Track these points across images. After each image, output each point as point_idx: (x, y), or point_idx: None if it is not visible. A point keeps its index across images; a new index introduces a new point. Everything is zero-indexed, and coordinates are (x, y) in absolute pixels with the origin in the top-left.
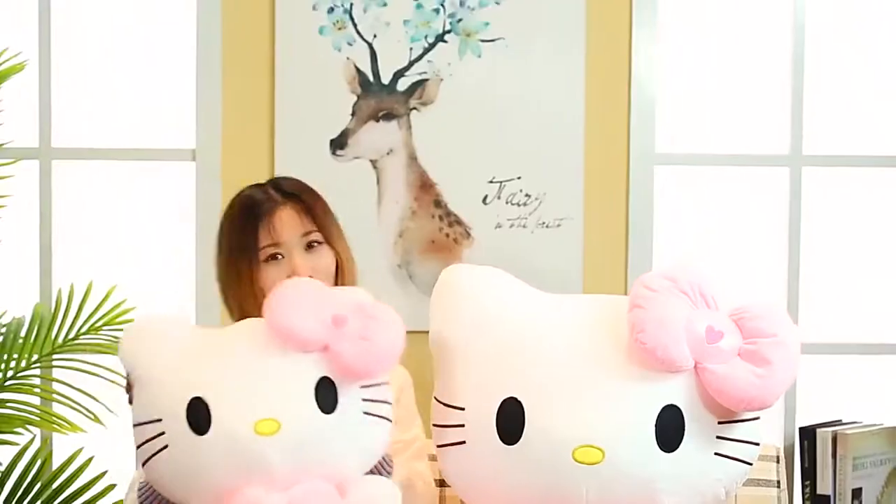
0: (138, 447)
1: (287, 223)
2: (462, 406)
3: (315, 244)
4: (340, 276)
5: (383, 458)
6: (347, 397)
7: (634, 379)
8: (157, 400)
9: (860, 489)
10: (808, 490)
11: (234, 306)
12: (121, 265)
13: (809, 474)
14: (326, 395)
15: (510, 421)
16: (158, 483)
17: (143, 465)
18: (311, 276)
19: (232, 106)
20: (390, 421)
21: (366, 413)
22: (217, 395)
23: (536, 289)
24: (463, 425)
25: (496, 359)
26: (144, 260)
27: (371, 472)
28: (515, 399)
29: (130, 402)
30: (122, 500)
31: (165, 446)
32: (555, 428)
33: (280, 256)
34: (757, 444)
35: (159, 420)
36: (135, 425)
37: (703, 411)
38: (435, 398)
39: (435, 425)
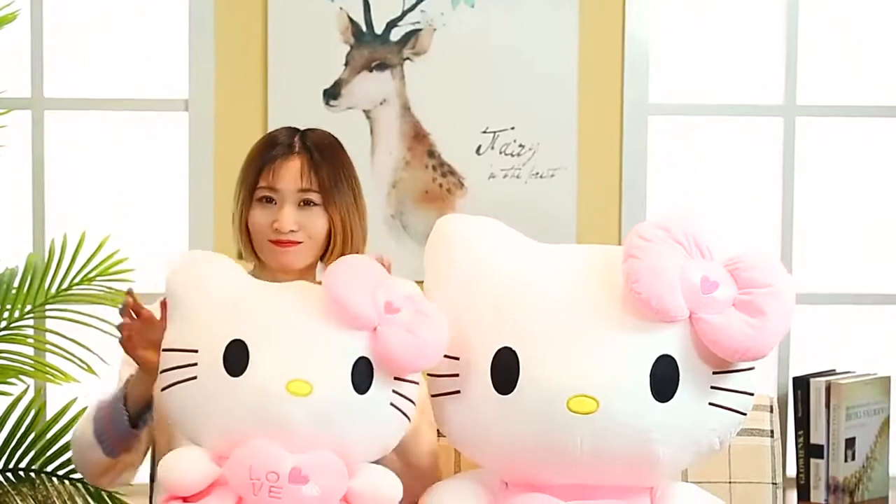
0: (163, 371)
1: (289, 173)
2: (456, 356)
3: (309, 203)
4: (333, 245)
5: None
6: (380, 384)
7: (629, 329)
8: (198, 331)
9: (853, 438)
10: (801, 439)
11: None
12: (114, 215)
13: (803, 424)
14: (362, 375)
15: (504, 370)
16: (172, 411)
17: (164, 389)
18: (293, 231)
19: (225, 56)
20: (409, 421)
21: (392, 405)
22: (259, 344)
23: (530, 239)
24: (457, 375)
25: (490, 308)
26: (138, 210)
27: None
28: (510, 349)
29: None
30: None
31: (194, 377)
32: (549, 377)
33: (272, 201)
34: (751, 395)
35: (195, 351)
36: (165, 350)
37: (697, 361)
38: None
39: (429, 374)
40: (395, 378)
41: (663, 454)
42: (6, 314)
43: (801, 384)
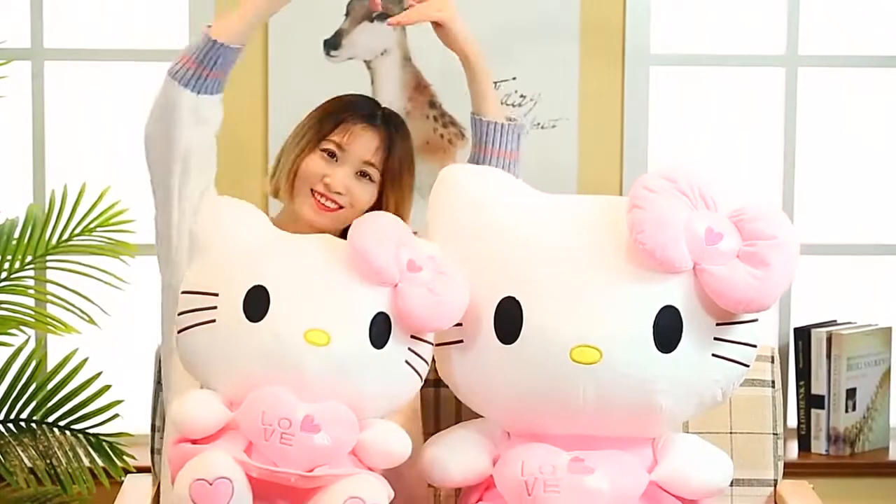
0: (181, 313)
1: (364, 142)
2: None
3: (366, 175)
4: None
5: None
6: (397, 341)
7: (633, 279)
8: (220, 274)
9: (854, 389)
10: (802, 390)
11: (278, 173)
12: (114, 166)
13: (804, 374)
14: (380, 330)
15: (508, 320)
16: (188, 354)
17: (181, 331)
18: (339, 193)
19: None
20: (422, 380)
21: (407, 362)
22: (280, 291)
23: (534, 189)
24: (461, 324)
25: (494, 258)
26: (138, 161)
27: None
28: (513, 298)
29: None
30: (117, 402)
31: (213, 320)
32: (552, 327)
33: (335, 159)
34: (754, 347)
35: (216, 294)
36: (185, 292)
37: (701, 313)
38: None
39: None
40: (412, 336)
41: (666, 405)
42: (7, 265)
43: (803, 335)
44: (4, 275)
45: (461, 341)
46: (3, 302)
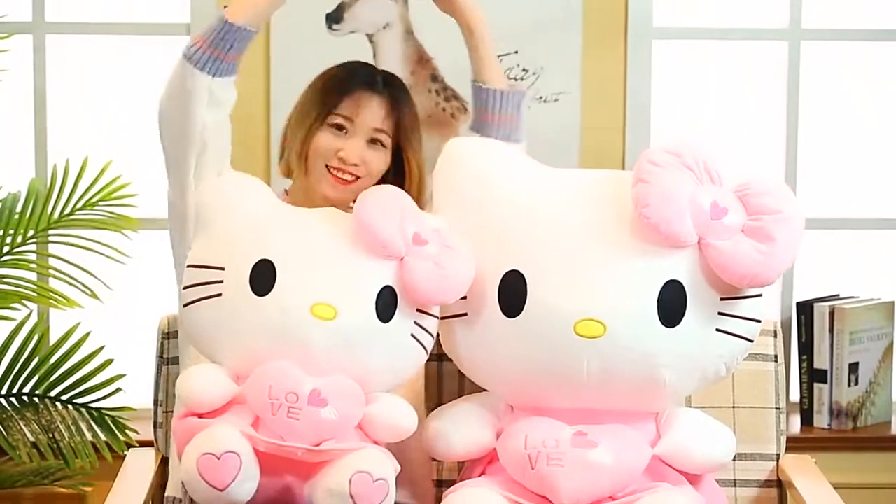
0: (186, 287)
1: (371, 110)
2: None
3: (379, 144)
4: (408, 189)
5: None
6: (403, 314)
7: (637, 253)
8: (225, 248)
9: (857, 363)
10: (804, 364)
11: (287, 153)
12: (116, 140)
13: (806, 349)
14: (386, 304)
15: (512, 293)
16: (194, 329)
17: (186, 305)
18: (356, 165)
19: None
20: (427, 354)
21: (413, 336)
22: (286, 265)
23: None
24: (465, 298)
25: (499, 231)
26: (140, 135)
27: None
28: (517, 272)
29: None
30: (119, 376)
31: (218, 294)
32: (556, 301)
33: (343, 130)
34: (758, 322)
35: (222, 269)
36: (190, 266)
37: (705, 287)
38: None
39: None
40: (418, 310)
41: (669, 379)
42: (9, 239)
43: (805, 309)
44: (6, 249)
45: (465, 315)
46: (5, 276)
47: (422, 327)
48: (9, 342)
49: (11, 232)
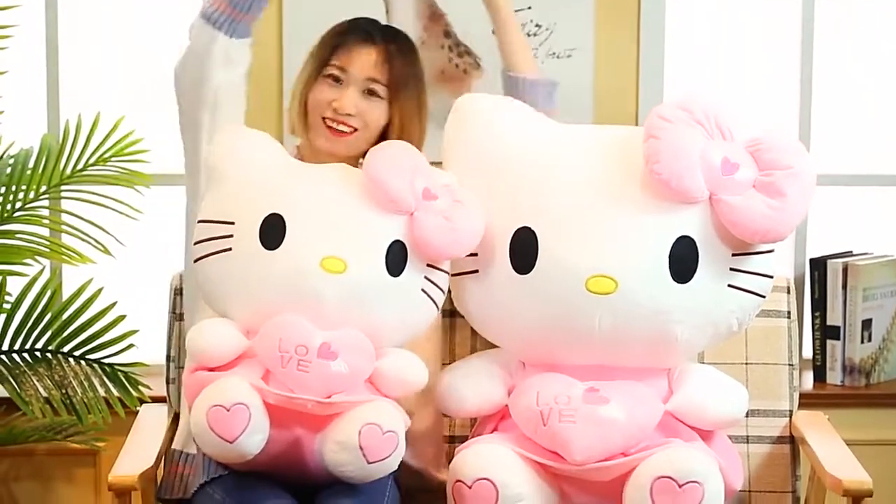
0: (197, 242)
1: (363, 60)
2: None
3: (374, 93)
4: (391, 136)
5: None
6: (413, 269)
7: (649, 210)
8: (235, 203)
9: (870, 320)
10: (818, 321)
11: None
12: (128, 96)
13: (819, 305)
14: (396, 258)
15: (523, 250)
16: (204, 283)
17: (197, 260)
18: (350, 115)
19: None
20: (438, 309)
21: (423, 291)
22: (296, 219)
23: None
24: (476, 254)
25: (510, 188)
26: (152, 90)
27: None
28: (529, 228)
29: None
30: (132, 331)
31: (229, 249)
32: (568, 257)
33: (339, 81)
34: (770, 277)
35: (232, 223)
36: (201, 221)
37: (717, 243)
38: None
39: None
40: (429, 265)
41: (681, 335)
42: (21, 195)
43: (819, 265)
44: (19, 205)
45: (476, 271)
46: (18, 232)
47: (432, 282)
48: (22, 298)
49: (24, 188)
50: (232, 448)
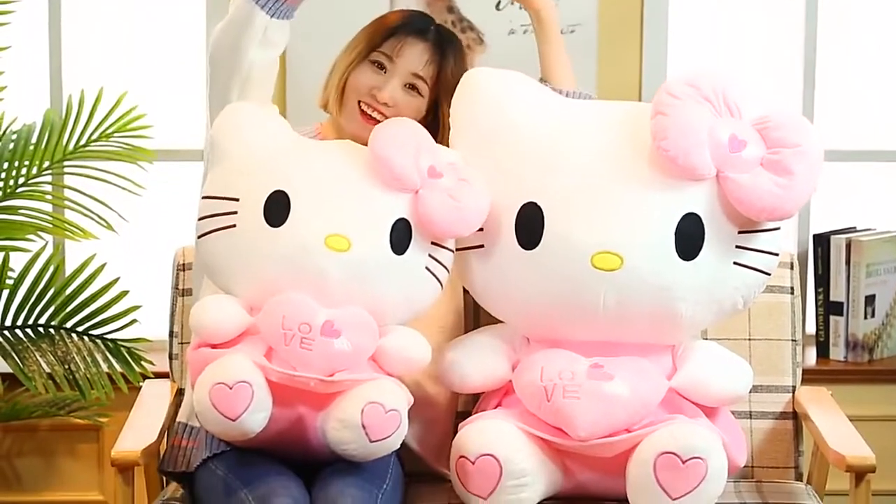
0: (201, 218)
1: (413, 54)
2: None
3: (414, 88)
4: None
5: None
6: (417, 246)
7: (655, 186)
8: (240, 179)
9: (873, 296)
10: (821, 296)
11: (327, 86)
12: (131, 71)
13: (823, 281)
14: (401, 236)
15: (529, 226)
16: (208, 260)
17: (201, 237)
18: (387, 105)
19: None
20: (442, 287)
21: (427, 269)
22: (301, 195)
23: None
24: (482, 229)
25: (516, 163)
26: (155, 65)
27: None
28: (535, 204)
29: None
30: (135, 307)
31: (233, 225)
32: (574, 233)
33: (384, 70)
34: (776, 255)
35: (236, 199)
36: (205, 197)
37: (723, 220)
38: None
39: None
40: (433, 243)
41: (686, 312)
42: (24, 171)
43: (822, 241)
44: (22, 180)
45: (482, 246)
46: (21, 208)
47: (437, 260)
48: (24, 273)
49: (27, 163)
50: (235, 426)
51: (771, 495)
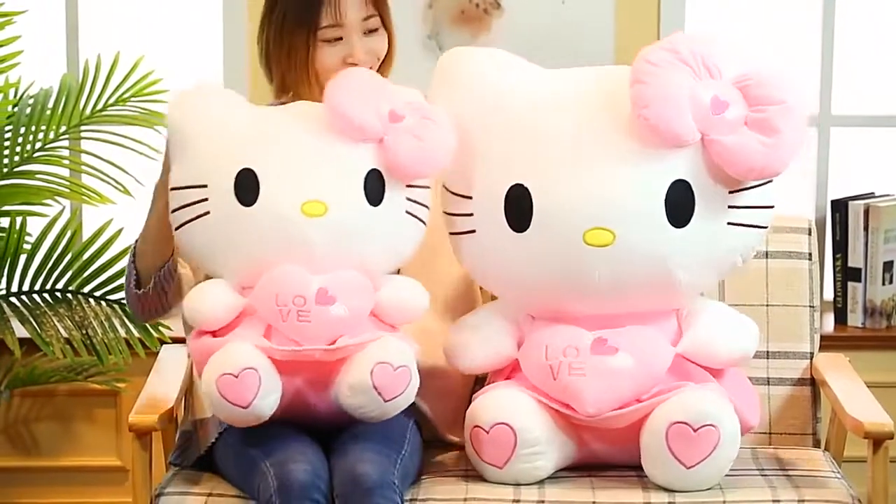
0: (174, 211)
1: (351, 6)
2: (469, 195)
3: (373, 30)
4: (387, 59)
5: None
6: (393, 193)
7: (641, 156)
8: (204, 165)
9: (891, 262)
10: (839, 262)
11: (277, 76)
12: (148, 36)
13: (841, 247)
14: (374, 187)
15: (518, 208)
16: (191, 251)
17: (177, 229)
18: (364, 61)
19: None
20: (426, 224)
21: (408, 212)
22: (268, 170)
23: (561, 58)
24: (472, 214)
25: (499, 145)
26: (171, 29)
27: None
28: (521, 185)
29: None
30: None
31: (207, 213)
32: (563, 212)
33: (340, 39)
34: (771, 207)
35: (204, 186)
36: (174, 188)
37: (712, 183)
38: (444, 186)
39: (445, 213)
40: (407, 185)
41: (684, 279)
42: (41, 135)
43: (840, 207)
44: (39, 145)
45: (473, 231)
46: (38, 172)
47: (414, 201)
48: (42, 238)
49: (44, 128)
50: (248, 412)
51: (788, 462)
